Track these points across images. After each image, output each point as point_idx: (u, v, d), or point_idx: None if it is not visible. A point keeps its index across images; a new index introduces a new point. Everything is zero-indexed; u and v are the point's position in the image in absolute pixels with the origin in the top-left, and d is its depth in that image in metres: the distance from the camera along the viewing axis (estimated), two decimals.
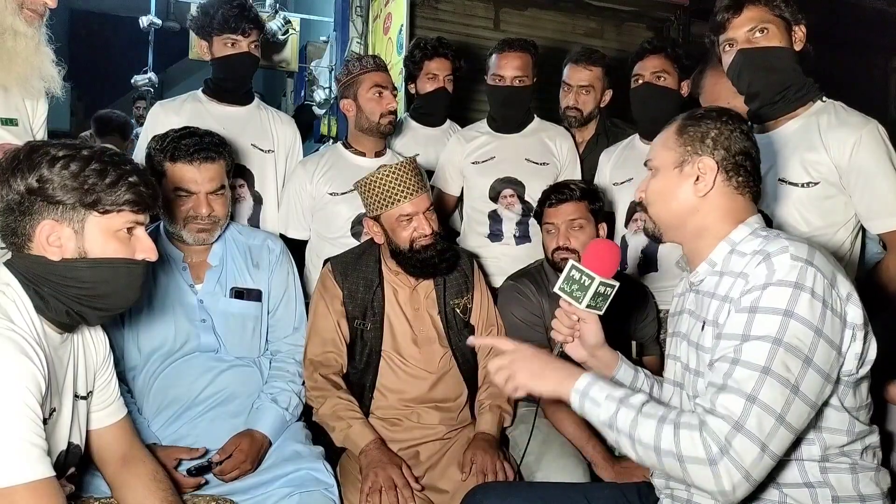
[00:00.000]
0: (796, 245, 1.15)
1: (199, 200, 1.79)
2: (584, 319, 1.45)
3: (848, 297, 1.15)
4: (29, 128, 1.71)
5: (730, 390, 1.10)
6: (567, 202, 2.02)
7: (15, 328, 1.17)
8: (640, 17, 4.27)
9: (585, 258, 1.43)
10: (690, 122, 1.31)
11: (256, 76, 2.69)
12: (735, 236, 1.26)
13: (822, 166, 1.69)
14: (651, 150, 1.38)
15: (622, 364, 1.50)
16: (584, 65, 2.57)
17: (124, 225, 1.28)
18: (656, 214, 1.34)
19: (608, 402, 1.18)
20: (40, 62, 1.62)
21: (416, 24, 3.91)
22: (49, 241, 1.23)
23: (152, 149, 1.82)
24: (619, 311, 2.10)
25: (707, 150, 1.27)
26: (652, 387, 1.51)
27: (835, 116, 1.71)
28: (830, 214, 1.71)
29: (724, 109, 1.33)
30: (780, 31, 1.73)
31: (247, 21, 2.30)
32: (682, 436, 1.09)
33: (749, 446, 1.06)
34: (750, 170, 1.28)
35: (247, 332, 1.88)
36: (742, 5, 1.74)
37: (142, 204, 1.29)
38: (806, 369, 1.09)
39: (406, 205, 1.83)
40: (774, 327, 1.10)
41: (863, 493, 1.19)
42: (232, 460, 1.67)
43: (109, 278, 1.28)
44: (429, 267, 1.88)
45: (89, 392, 1.41)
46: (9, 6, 1.55)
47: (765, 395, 1.07)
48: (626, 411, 1.16)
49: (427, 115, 2.78)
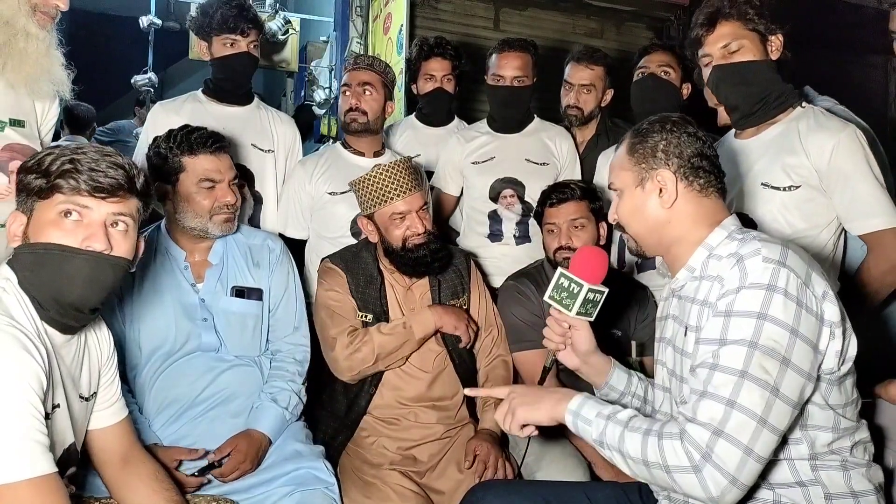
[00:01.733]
0: (769, 246, 1.16)
1: (225, 189, 1.83)
2: (575, 326, 1.46)
3: (824, 296, 1.16)
4: (37, 129, 1.72)
5: (709, 396, 1.11)
6: (568, 202, 2.03)
7: (16, 324, 1.17)
8: (640, 17, 4.28)
9: (573, 265, 1.44)
10: (637, 139, 1.33)
11: (256, 76, 2.69)
12: (711, 240, 1.26)
13: (802, 170, 1.71)
14: (610, 173, 1.40)
15: (615, 369, 1.51)
16: (586, 64, 2.57)
17: (64, 207, 1.22)
18: (634, 232, 1.36)
19: (598, 420, 1.20)
20: (50, 64, 1.64)
21: (416, 24, 3.91)
22: (14, 231, 1.26)
23: (162, 148, 1.82)
24: (620, 311, 2.11)
25: (661, 162, 1.29)
26: (646, 390, 1.52)
27: (814, 121, 1.74)
28: (812, 217, 1.74)
29: (665, 117, 1.34)
30: (755, 44, 1.75)
31: (245, 21, 2.31)
32: (665, 446, 1.11)
33: (731, 451, 1.07)
34: (709, 168, 1.29)
35: (247, 331, 1.88)
36: (715, 21, 1.77)
37: (78, 187, 1.22)
38: (784, 370, 1.10)
39: (399, 203, 1.84)
40: (749, 330, 1.10)
41: (855, 489, 1.20)
42: (231, 461, 1.67)
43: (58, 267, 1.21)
44: (421, 266, 1.89)
45: (93, 393, 1.41)
46: (22, 8, 1.57)
47: (744, 398, 1.08)
48: (613, 427, 1.18)
49: (428, 116, 2.79)
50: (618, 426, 1.18)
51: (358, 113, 2.30)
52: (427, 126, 2.79)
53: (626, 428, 1.17)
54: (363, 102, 2.30)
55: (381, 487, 1.74)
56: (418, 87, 2.77)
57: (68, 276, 1.22)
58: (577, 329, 1.46)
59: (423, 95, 2.74)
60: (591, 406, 1.23)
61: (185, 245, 1.88)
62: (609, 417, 1.20)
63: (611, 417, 1.20)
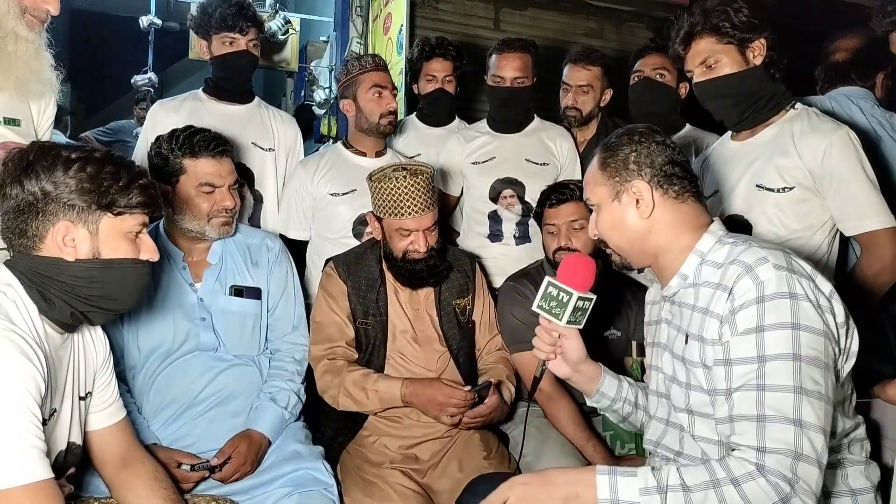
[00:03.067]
0: (773, 253, 1.16)
1: (225, 193, 1.83)
2: (566, 335, 1.45)
3: (831, 295, 1.17)
4: (33, 128, 1.72)
5: (773, 420, 1.07)
6: (567, 202, 2.02)
7: (15, 329, 1.17)
8: (640, 17, 4.27)
9: (561, 274, 1.43)
10: (607, 153, 1.33)
11: (256, 76, 2.69)
12: (702, 246, 1.26)
13: (796, 171, 1.72)
14: (585, 189, 1.40)
15: (605, 376, 1.50)
16: (583, 64, 2.57)
17: (135, 226, 1.31)
18: (617, 246, 1.35)
19: (647, 498, 1.08)
20: (39, 66, 1.64)
21: (416, 24, 3.90)
22: (64, 241, 1.24)
23: (164, 149, 1.82)
24: (619, 311, 2.11)
25: (633, 173, 1.29)
26: (637, 395, 1.52)
27: (807, 123, 1.74)
28: (806, 218, 1.74)
29: (632, 129, 1.34)
30: (733, 56, 1.74)
31: (244, 19, 2.31)
32: (749, 490, 1.05)
33: (811, 470, 1.06)
34: (681, 174, 1.29)
35: (246, 330, 1.88)
36: (690, 39, 1.77)
37: (152, 205, 1.33)
38: (828, 376, 1.11)
39: (409, 220, 1.84)
40: (788, 343, 1.09)
41: (853, 487, 1.20)
42: (232, 464, 1.66)
43: (120, 278, 1.30)
44: (416, 279, 1.90)
45: (88, 393, 1.41)
46: (12, 11, 1.57)
47: (807, 415, 1.07)
48: (674, 496, 1.07)
49: (428, 116, 2.79)
50: (677, 492, 1.07)
51: (394, 116, 2.31)
52: (428, 126, 2.78)
53: (685, 490, 1.07)
54: (392, 104, 2.30)
55: (382, 486, 1.74)
56: (419, 87, 2.77)
57: (132, 287, 1.33)
58: (567, 338, 1.45)
59: (425, 96, 2.74)
60: (626, 484, 1.09)
61: (183, 245, 1.88)
62: (659, 489, 1.07)
63: (660, 489, 1.07)
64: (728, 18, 1.72)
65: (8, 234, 1.27)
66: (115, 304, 1.33)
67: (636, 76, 2.42)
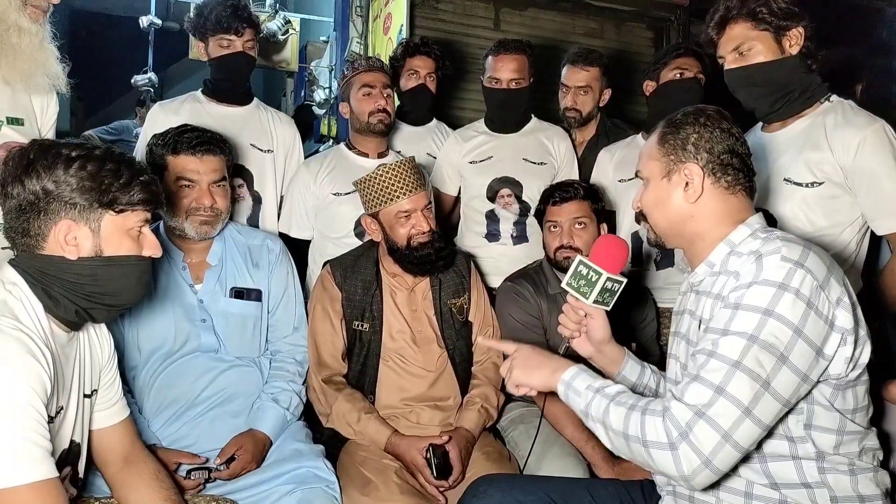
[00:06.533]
0: (790, 246, 1.15)
1: (202, 191, 1.81)
2: (591, 315, 1.46)
3: (838, 302, 1.14)
4: (36, 127, 1.72)
5: (699, 380, 1.12)
6: (571, 201, 2.03)
7: (22, 328, 1.18)
8: (640, 17, 4.26)
9: (594, 253, 1.43)
10: (669, 129, 1.31)
11: (256, 76, 2.69)
12: (734, 237, 1.25)
13: (826, 166, 1.67)
14: (639, 160, 1.38)
15: (629, 360, 1.50)
16: (581, 65, 2.57)
17: (137, 223, 1.31)
18: (655, 223, 1.35)
19: (587, 392, 1.23)
20: (44, 59, 1.64)
21: (416, 24, 3.90)
22: (66, 240, 1.24)
23: (153, 145, 1.83)
24: (618, 312, 2.10)
25: (690, 156, 1.27)
26: (658, 383, 1.51)
27: (841, 116, 1.69)
28: (835, 214, 1.70)
29: (701, 109, 1.31)
30: (768, 44, 1.69)
31: (240, 21, 2.31)
32: (647, 421, 1.13)
33: (710, 433, 1.08)
34: (738, 166, 1.27)
35: (247, 331, 1.88)
36: (725, 23, 1.73)
37: (153, 202, 1.32)
38: (780, 367, 1.10)
39: (404, 201, 1.84)
40: (752, 324, 1.11)
41: (862, 493, 1.19)
42: (239, 461, 1.67)
43: (123, 275, 1.30)
44: (426, 264, 1.89)
45: (94, 390, 1.41)
46: (13, 3, 1.57)
47: (732, 387, 1.09)
48: (600, 400, 1.21)
49: (408, 113, 2.74)
50: (604, 399, 1.20)
51: (385, 114, 2.31)
52: (407, 124, 2.74)
53: (611, 401, 1.19)
54: (388, 104, 2.31)
55: (381, 486, 1.74)
56: (401, 83, 2.72)
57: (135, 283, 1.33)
58: (592, 318, 1.45)
59: (406, 92, 2.70)
60: (583, 378, 1.26)
61: (182, 246, 1.88)
62: (598, 391, 1.22)
63: (599, 391, 1.22)
64: (766, 4, 1.68)
65: (11, 233, 1.27)
66: (117, 300, 1.33)
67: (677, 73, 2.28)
